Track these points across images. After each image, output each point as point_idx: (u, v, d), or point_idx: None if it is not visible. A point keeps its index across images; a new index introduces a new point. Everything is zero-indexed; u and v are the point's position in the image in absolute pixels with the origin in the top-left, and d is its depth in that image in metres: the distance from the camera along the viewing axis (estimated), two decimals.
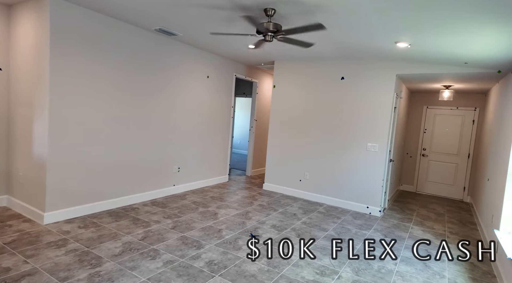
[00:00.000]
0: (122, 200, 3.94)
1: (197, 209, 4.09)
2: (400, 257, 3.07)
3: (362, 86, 4.55)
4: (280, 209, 4.37)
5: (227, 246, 3.00)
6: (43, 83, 3.12)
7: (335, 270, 2.68)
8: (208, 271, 2.48)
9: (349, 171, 4.68)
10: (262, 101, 6.80)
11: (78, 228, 3.12)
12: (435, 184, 6.22)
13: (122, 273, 2.35)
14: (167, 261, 2.60)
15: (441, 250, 3.30)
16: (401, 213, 4.70)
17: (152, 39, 4.05)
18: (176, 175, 4.77)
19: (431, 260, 3.05)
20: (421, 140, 6.33)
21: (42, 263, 2.39)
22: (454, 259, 3.10)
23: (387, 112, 4.37)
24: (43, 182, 3.17)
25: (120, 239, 2.95)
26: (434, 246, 3.43)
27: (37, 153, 3.22)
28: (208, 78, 5.17)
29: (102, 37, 3.46)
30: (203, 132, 5.22)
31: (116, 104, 3.72)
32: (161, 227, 3.35)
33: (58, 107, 3.15)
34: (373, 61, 4.45)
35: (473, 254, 3.28)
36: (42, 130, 3.16)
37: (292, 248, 3.06)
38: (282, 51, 4.56)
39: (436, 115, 6.17)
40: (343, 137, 4.72)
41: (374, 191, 4.47)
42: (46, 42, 3.06)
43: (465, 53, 3.26)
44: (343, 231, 3.69)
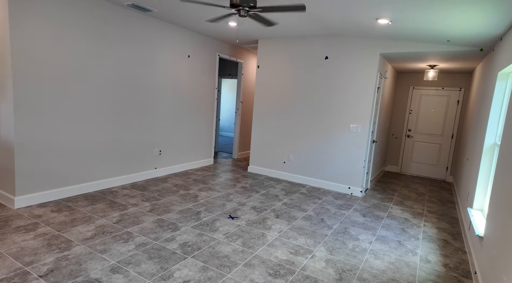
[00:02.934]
0: (100, 183, 3.86)
1: (178, 191, 4.05)
2: (376, 235, 3.10)
3: (346, 66, 4.44)
4: (263, 191, 4.36)
5: (204, 228, 2.98)
6: (4, 62, 2.94)
7: (309, 249, 2.69)
8: (181, 253, 2.46)
9: (332, 152, 4.66)
10: (248, 82, 6.65)
11: (50, 212, 3.05)
12: (419, 164, 6.28)
13: (92, 256, 2.31)
14: (140, 243, 2.56)
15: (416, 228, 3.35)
16: (383, 193, 4.74)
17: (125, 15, 3.84)
18: (158, 157, 4.68)
19: (406, 238, 3.09)
20: (407, 121, 6.33)
21: (8, 247, 2.33)
22: (427, 237, 3.15)
23: (370, 93, 4.31)
24: (11, 166, 3.05)
25: (94, 223, 2.89)
26: (411, 225, 3.47)
27: (3, 136, 3.09)
28: (189, 58, 4.99)
29: (68, 12, 3.25)
30: (186, 114, 5.10)
31: (89, 83, 3.56)
32: (138, 210, 3.31)
33: (21, 87, 2.99)
34: (356, 40, 4.32)
35: (447, 232, 3.34)
36: (7, 112, 3.01)
37: (269, 229, 3.06)
38: (265, 29, 4.40)
39: (422, 96, 6.14)
40: (327, 119, 4.66)
41: (356, 171, 4.48)
42: (5, 16, 2.85)
43: (447, 30, 3.17)
44: (322, 211, 3.70)
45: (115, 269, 2.17)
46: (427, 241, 3.06)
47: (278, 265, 2.39)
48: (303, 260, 2.49)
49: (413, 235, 3.20)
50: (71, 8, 3.26)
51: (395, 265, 2.53)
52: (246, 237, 2.84)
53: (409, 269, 2.49)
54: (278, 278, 2.21)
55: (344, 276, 2.30)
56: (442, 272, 2.49)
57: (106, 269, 2.15)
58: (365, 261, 2.56)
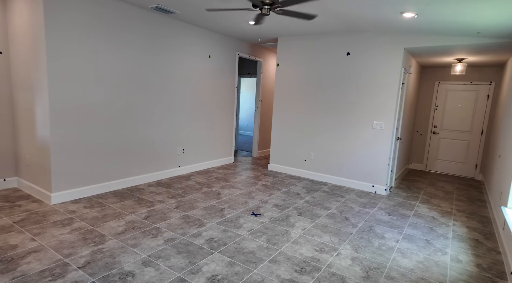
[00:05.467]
0: (128, 180, 4.02)
1: (201, 189, 4.14)
2: (403, 234, 3.03)
3: (369, 61, 4.36)
4: (284, 189, 4.37)
5: (228, 224, 3.03)
6: (41, 66, 3.12)
7: (334, 247, 2.68)
8: (208, 248, 2.52)
9: (354, 150, 4.59)
10: (267, 81, 6.66)
11: (83, 208, 3.21)
12: (446, 162, 6.06)
13: (124, 250, 2.42)
14: (168, 238, 2.65)
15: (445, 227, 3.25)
16: (408, 191, 4.62)
17: (149, 18, 3.96)
18: (181, 156, 4.80)
19: (434, 237, 3.01)
20: (432, 118, 6.12)
21: (48, 240, 2.48)
22: (458, 236, 3.05)
23: (394, 89, 4.20)
24: (48, 164, 3.24)
25: (124, 218, 3.02)
26: (439, 224, 3.37)
27: (41, 136, 3.28)
28: (210, 58, 5.07)
29: (96, 18, 3.40)
30: (207, 113, 5.19)
31: (117, 86, 3.71)
32: (165, 206, 3.41)
33: (57, 90, 3.16)
34: (379, 35, 4.23)
35: (478, 231, 3.21)
36: (43, 113, 3.19)
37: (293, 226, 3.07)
38: (285, 27, 4.39)
39: (449, 91, 5.91)
40: (349, 116, 4.60)
41: (380, 169, 4.39)
42: (41, 25, 3.02)
43: (477, 22, 3.04)
44: (346, 209, 3.66)
45: (146, 262, 2.26)
46: (457, 241, 2.96)
47: (303, 261, 2.40)
48: (329, 258, 2.48)
49: (442, 234, 3.10)
50: (99, 14, 3.41)
51: (424, 264, 2.47)
52: (270, 234, 2.87)
53: (439, 268, 2.43)
54: (304, 274, 2.22)
55: (371, 274, 2.28)
56: (475, 273, 2.40)
57: (138, 262, 2.25)
58: (393, 259, 2.52)
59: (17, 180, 3.76)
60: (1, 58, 3.50)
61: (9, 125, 3.65)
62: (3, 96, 3.57)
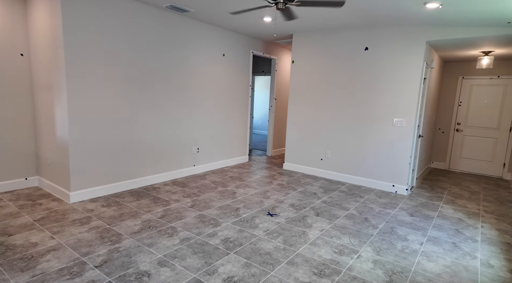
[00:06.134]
0: (144, 180, 4.04)
1: (216, 188, 4.11)
2: (427, 236, 2.88)
3: (388, 56, 4.19)
4: (300, 188, 4.28)
5: (244, 224, 2.98)
6: (59, 68, 3.17)
7: (354, 249, 2.57)
8: (224, 249, 2.47)
9: (373, 148, 4.43)
10: (282, 79, 6.57)
11: (101, 207, 3.25)
12: (470, 161, 5.77)
13: (140, 249, 2.41)
14: (184, 238, 2.63)
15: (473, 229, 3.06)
16: (431, 191, 4.42)
17: (164, 17, 3.96)
18: (196, 155, 4.80)
19: (461, 240, 2.84)
20: (455, 114, 5.84)
21: (67, 239, 2.51)
22: (488, 239, 2.87)
23: (415, 84, 4.02)
24: (66, 164, 3.29)
25: (140, 217, 3.03)
26: (466, 225, 3.18)
27: (60, 136, 3.34)
28: (224, 56, 5.03)
29: (112, 18, 3.42)
30: (221, 112, 5.16)
31: (132, 86, 3.73)
32: (180, 205, 3.40)
33: (75, 91, 3.21)
34: (400, 28, 4.05)
35: (510, 234, 3.01)
36: (62, 113, 3.25)
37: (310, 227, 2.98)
38: (300, 22, 4.29)
39: (473, 86, 5.62)
40: (367, 113, 4.44)
41: (401, 168, 4.22)
42: (59, 28, 3.07)
43: (508, 11, 2.84)
44: (365, 210, 3.53)
45: (162, 262, 2.24)
46: (487, 244, 2.78)
47: (322, 264, 2.31)
48: (349, 260, 2.38)
49: (469, 236, 2.93)
50: (114, 14, 3.43)
51: (452, 269, 2.32)
52: (287, 234, 2.79)
53: (468, 273, 2.28)
54: (323, 277, 2.13)
55: (395, 279, 2.16)
56: (508, 278, 2.24)
57: (154, 262, 2.23)
58: (417, 263, 2.39)
59: (38, 179, 3.85)
60: (23, 60, 3.59)
61: (31, 125, 3.75)
62: (25, 97, 3.66)
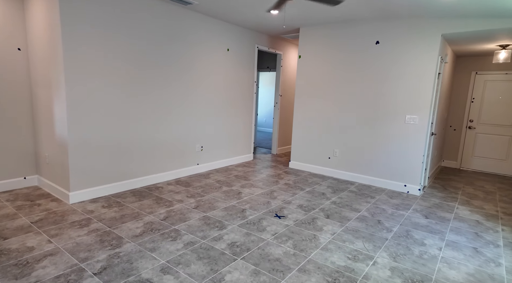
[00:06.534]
0: (146, 179, 3.90)
1: (221, 188, 3.96)
2: (445, 240, 2.72)
3: (401, 50, 4.00)
4: (308, 188, 4.12)
5: (251, 227, 2.83)
6: (57, 64, 3.03)
7: (369, 255, 2.42)
8: (230, 254, 2.33)
9: (384, 146, 4.26)
10: (287, 75, 6.39)
11: (101, 208, 3.11)
12: (483, 159, 5.57)
13: (142, 254, 2.27)
14: (188, 242, 2.49)
15: None
16: (444, 191, 4.24)
17: (166, 11, 3.79)
18: (200, 153, 4.65)
19: (482, 245, 2.67)
20: (468, 111, 5.63)
21: (65, 243, 2.38)
22: None
23: (429, 80, 3.83)
24: (66, 163, 3.16)
25: (142, 219, 2.89)
26: (485, 228, 3.01)
27: (59, 134, 3.21)
28: (228, 51, 4.86)
29: (113, 13, 3.26)
30: (226, 109, 5.00)
31: (133, 82, 3.58)
32: (184, 206, 3.26)
33: (74, 87, 3.06)
34: (414, 20, 3.86)
35: None
36: (61, 111, 3.11)
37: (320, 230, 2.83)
38: (308, 15, 4.10)
39: (487, 81, 5.41)
40: (378, 110, 4.26)
41: (413, 167, 4.04)
42: (57, 22, 2.92)
43: None
44: (377, 211, 3.37)
45: (165, 269, 2.10)
46: (510, 249, 2.62)
47: (336, 271, 2.16)
48: (364, 267, 2.23)
49: (490, 241, 2.76)
50: (114, 8, 3.27)
51: (476, 278, 2.16)
52: (297, 238, 2.64)
53: None
54: None
55: None
56: None
57: (156, 269, 2.09)
58: (438, 270, 2.23)
59: (38, 178, 3.73)
60: (20, 55, 3.45)
61: (29, 122, 3.62)
62: (23, 93, 3.53)
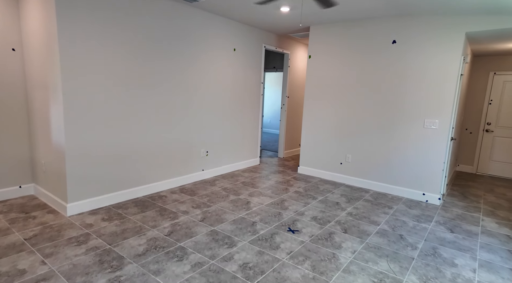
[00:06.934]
0: (149, 187, 3.68)
1: (228, 196, 3.73)
2: (478, 260, 2.48)
3: (420, 50, 3.74)
4: (320, 197, 3.88)
5: (263, 244, 2.60)
6: (54, 65, 2.80)
7: (397, 278, 2.18)
8: (243, 278, 2.10)
9: (401, 152, 4.01)
10: (295, 75, 6.14)
11: (101, 221, 2.89)
12: (502, 164, 5.31)
13: (145, 278, 2.04)
14: (196, 263, 2.26)
15: None
16: (464, 200, 3.99)
17: (170, 9, 3.56)
18: (205, 159, 4.42)
19: None
20: (485, 114, 5.37)
21: (60, 264, 2.16)
22: None
23: (451, 82, 3.58)
24: (63, 172, 2.94)
25: (145, 234, 2.66)
26: None
27: (56, 140, 2.98)
28: (234, 51, 4.62)
29: (113, 11, 3.03)
30: (231, 111, 4.77)
31: (134, 86, 3.35)
32: (190, 219, 3.04)
33: (72, 91, 2.84)
34: (434, 18, 3.60)
35: None
36: (58, 115, 2.88)
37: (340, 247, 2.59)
38: (319, 14, 3.86)
39: (507, 82, 5.14)
40: (394, 113, 4.01)
41: (433, 175, 3.80)
42: (53, 19, 2.69)
43: None
44: (397, 224, 3.13)
45: None
46: None
47: None
48: None
49: None
50: (115, 7, 3.04)
51: None
52: (314, 258, 2.41)
53: None
54: None
55: None
56: None
57: None
58: None
59: (34, 186, 3.51)
60: (15, 55, 3.23)
61: (25, 127, 3.40)
62: (18, 96, 3.30)
